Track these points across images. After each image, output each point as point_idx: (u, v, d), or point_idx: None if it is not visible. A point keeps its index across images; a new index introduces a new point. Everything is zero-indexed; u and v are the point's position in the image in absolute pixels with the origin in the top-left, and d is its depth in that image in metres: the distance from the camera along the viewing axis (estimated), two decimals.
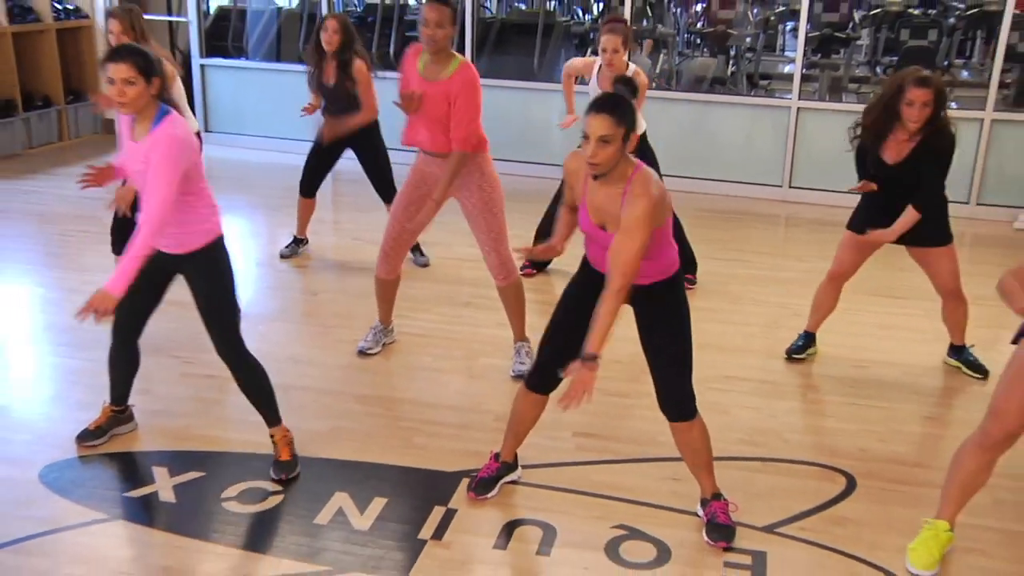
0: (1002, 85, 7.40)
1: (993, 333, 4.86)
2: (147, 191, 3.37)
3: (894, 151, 4.29)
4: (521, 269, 5.47)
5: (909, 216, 4.30)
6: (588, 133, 3.05)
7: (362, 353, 4.81)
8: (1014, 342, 3.16)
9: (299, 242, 6.25)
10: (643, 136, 5.35)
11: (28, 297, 5.66)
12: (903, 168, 4.29)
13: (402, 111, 4.38)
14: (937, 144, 4.24)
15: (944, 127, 4.24)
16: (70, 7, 8.86)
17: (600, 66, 5.32)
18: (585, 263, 3.43)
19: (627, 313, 3.40)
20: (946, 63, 8.63)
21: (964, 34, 9.08)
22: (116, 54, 3.33)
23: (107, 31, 4.82)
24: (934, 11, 9.14)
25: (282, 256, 6.21)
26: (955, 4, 9.23)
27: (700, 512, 3.51)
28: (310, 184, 6.08)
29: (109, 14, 4.90)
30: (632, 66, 5.26)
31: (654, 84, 6.68)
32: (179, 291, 3.72)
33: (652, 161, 5.19)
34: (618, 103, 3.11)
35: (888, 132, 4.26)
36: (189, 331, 4.71)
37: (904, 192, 4.31)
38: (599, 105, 3.08)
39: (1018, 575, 3.29)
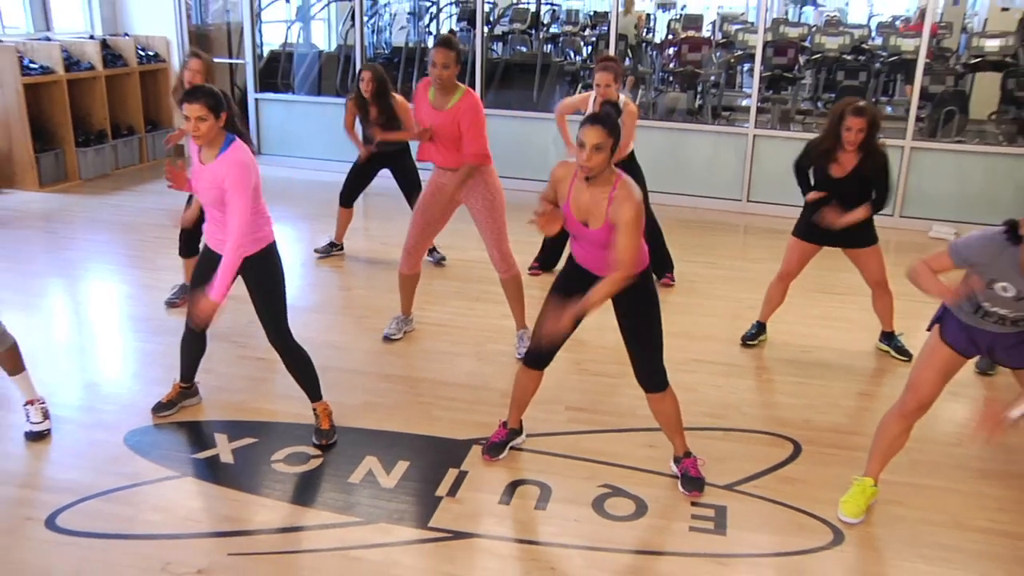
0: (918, 119, 7.42)
1: (912, 323, 4.83)
2: (229, 210, 3.36)
3: (839, 168, 4.31)
4: (529, 270, 5.43)
5: (863, 211, 4.33)
6: (584, 141, 3.02)
7: (387, 339, 4.78)
8: (928, 329, 3.21)
9: (334, 245, 6.23)
10: (632, 155, 5.32)
11: (114, 292, 5.65)
12: (847, 181, 4.32)
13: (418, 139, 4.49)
14: (876, 162, 4.28)
15: (877, 149, 4.28)
16: (151, 53, 8.92)
17: (595, 98, 5.25)
18: (571, 260, 3.40)
19: (609, 305, 3.37)
20: (874, 100, 8.62)
21: (887, 76, 9.15)
22: (191, 95, 3.30)
23: (185, 67, 4.77)
24: (863, 57, 9.19)
25: (316, 251, 6.21)
26: (880, 52, 9.28)
27: (674, 468, 3.51)
28: (350, 196, 6.09)
29: (195, 54, 4.84)
30: (622, 97, 5.21)
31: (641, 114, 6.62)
32: (233, 289, 3.71)
33: (640, 176, 5.17)
34: (608, 118, 3.09)
35: (836, 151, 4.28)
36: (244, 321, 4.72)
37: (847, 200, 4.34)
38: (593, 119, 3.06)
39: (928, 520, 3.31)
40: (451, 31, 10.43)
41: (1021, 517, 3.35)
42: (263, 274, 3.60)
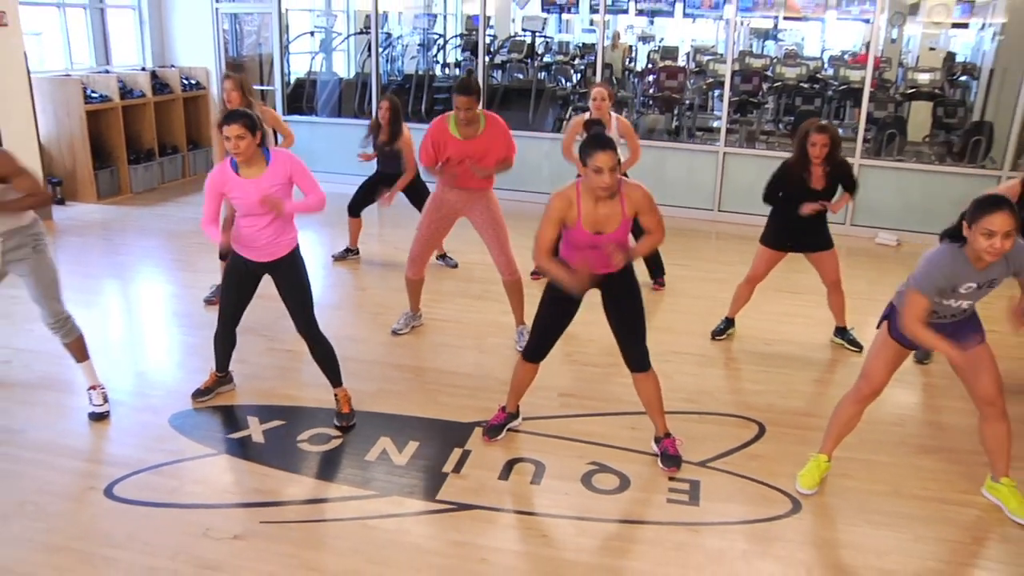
0: (865, 140, 7.41)
1: (861, 319, 4.82)
2: (309, 187, 3.48)
3: (817, 181, 4.32)
4: (531, 275, 5.39)
5: (845, 198, 4.42)
6: (601, 167, 2.99)
7: (395, 333, 4.75)
8: (878, 326, 3.22)
9: (349, 251, 6.20)
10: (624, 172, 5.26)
11: (160, 291, 5.63)
12: (823, 191, 4.34)
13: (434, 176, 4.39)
14: (843, 170, 4.36)
15: (843, 160, 4.36)
16: (193, 82, 8.92)
17: (590, 112, 5.16)
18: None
19: (599, 303, 3.36)
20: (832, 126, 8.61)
21: (838, 103, 9.18)
22: (229, 117, 3.31)
23: (222, 87, 4.77)
24: (818, 85, 9.19)
25: (333, 257, 6.18)
26: (832, 82, 9.29)
27: (655, 447, 3.49)
28: (357, 207, 6.07)
29: (226, 75, 4.83)
30: (614, 115, 5.17)
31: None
32: (263, 288, 3.70)
33: None
34: (611, 140, 3.07)
35: (808, 168, 4.28)
36: (272, 317, 4.71)
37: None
38: (603, 144, 3.02)
39: (873, 490, 3.33)
40: (456, 62, 10.40)
41: (947, 485, 3.38)
42: (292, 273, 3.60)
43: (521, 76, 9.64)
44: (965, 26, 10.33)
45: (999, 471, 3.20)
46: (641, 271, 4.17)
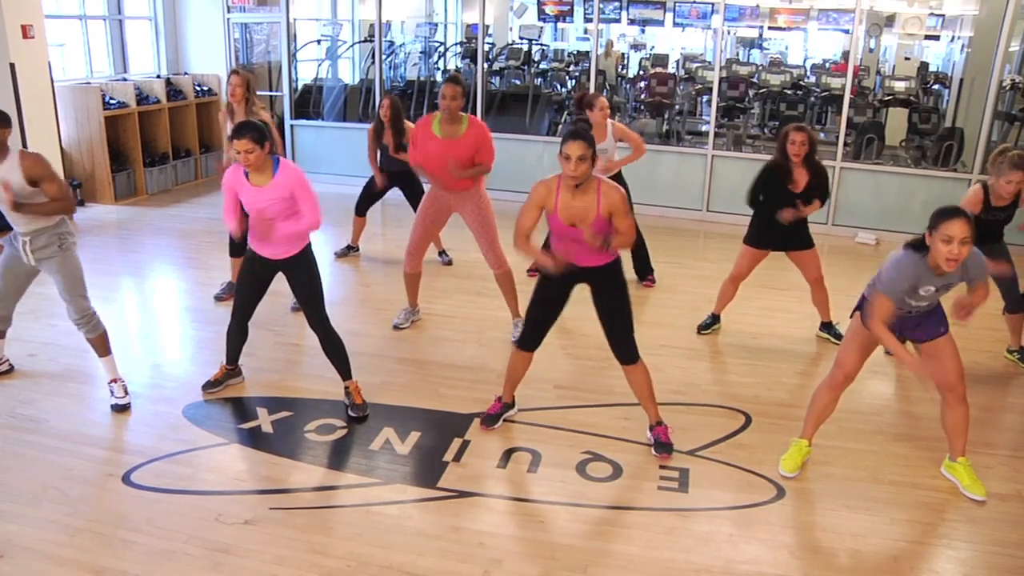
0: (845, 144, 7.42)
1: (844, 314, 4.79)
2: (303, 206, 3.42)
3: (795, 186, 4.33)
4: (528, 272, 5.37)
5: (815, 206, 4.35)
6: (569, 154, 3.01)
7: (395, 328, 4.73)
8: (851, 315, 3.29)
9: (351, 248, 6.18)
10: (619, 173, 5.26)
11: (174, 288, 5.61)
12: (803, 193, 4.33)
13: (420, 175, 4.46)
14: (821, 174, 4.35)
15: (819, 165, 4.35)
16: (205, 88, 8.90)
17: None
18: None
19: (588, 297, 3.35)
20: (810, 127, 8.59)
21: (820, 108, 9.17)
22: (238, 132, 3.29)
23: (228, 82, 4.74)
24: (801, 92, 9.19)
25: (336, 255, 6.14)
26: (814, 88, 9.29)
27: (649, 435, 3.49)
28: (363, 207, 6.05)
29: (234, 71, 4.80)
30: (610, 123, 5.17)
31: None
32: (273, 284, 3.69)
33: (626, 191, 5.12)
34: (588, 132, 3.07)
35: (790, 170, 4.29)
36: (280, 313, 4.70)
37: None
38: (575, 134, 3.04)
39: (852, 477, 3.34)
40: (456, 68, 10.38)
41: (921, 471, 3.39)
42: (303, 271, 3.61)
43: (518, 82, 9.61)
44: (936, 38, 10.41)
45: (956, 451, 3.28)
46: (628, 271, 4.15)
